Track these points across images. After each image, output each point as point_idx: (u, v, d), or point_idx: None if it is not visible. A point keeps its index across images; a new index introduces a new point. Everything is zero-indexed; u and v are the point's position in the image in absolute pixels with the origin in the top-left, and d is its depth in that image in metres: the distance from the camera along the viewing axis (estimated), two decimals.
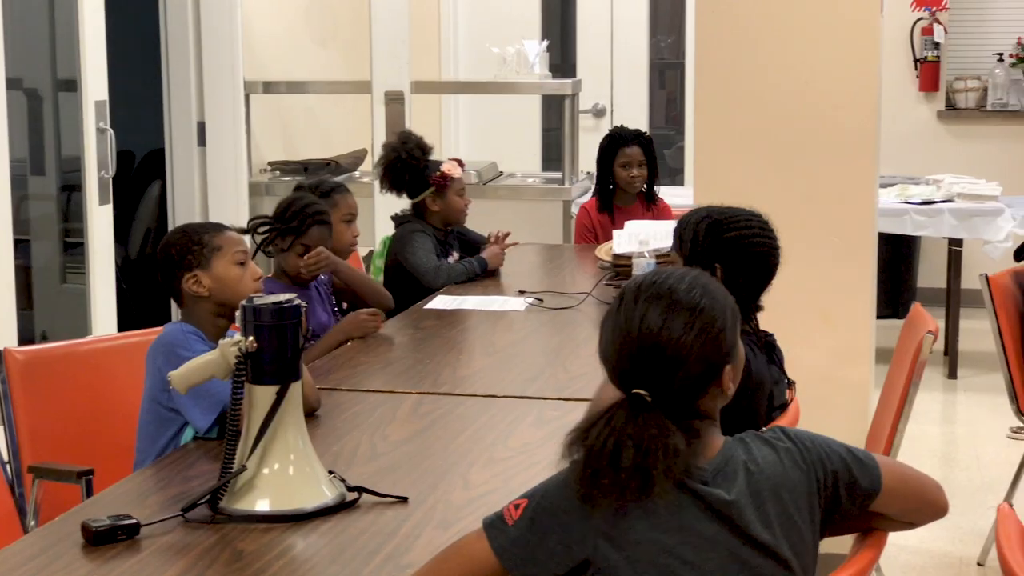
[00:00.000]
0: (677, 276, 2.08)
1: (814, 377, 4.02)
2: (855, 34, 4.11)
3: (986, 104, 7.90)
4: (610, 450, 1.95)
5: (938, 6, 7.82)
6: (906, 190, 6.59)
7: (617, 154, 5.47)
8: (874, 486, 2.11)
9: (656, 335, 2.00)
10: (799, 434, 2.11)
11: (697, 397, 2.03)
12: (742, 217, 2.87)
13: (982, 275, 4.40)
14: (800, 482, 2.05)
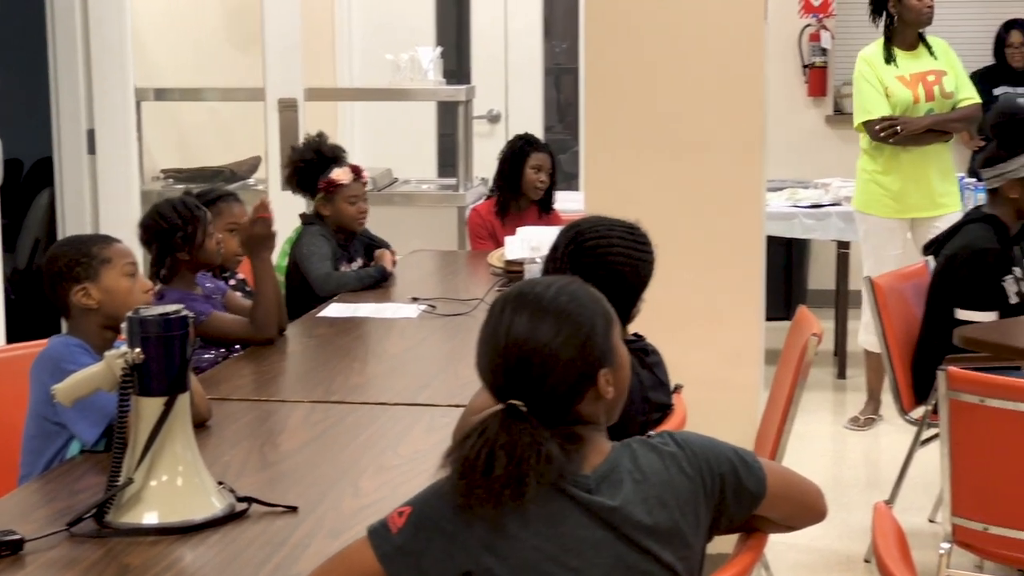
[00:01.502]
0: (545, 284, 2.10)
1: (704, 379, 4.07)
2: (740, 41, 4.18)
3: None
4: (483, 460, 1.97)
5: (825, 13, 7.96)
6: (795, 194, 6.70)
7: (530, 156, 5.55)
8: (760, 490, 2.15)
9: (523, 343, 2.02)
10: (687, 438, 2.14)
11: (573, 403, 2.05)
12: (605, 230, 2.81)
13: (865, 277, 4.50)
14: (686, 487, 2.08)
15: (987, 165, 4.49)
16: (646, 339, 2.97)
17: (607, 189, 4.18)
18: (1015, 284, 4.40)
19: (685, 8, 4.17)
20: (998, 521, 3.28)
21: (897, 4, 5.70)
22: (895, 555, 2.10)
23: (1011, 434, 3.24)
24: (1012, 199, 4.43)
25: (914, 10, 5.68)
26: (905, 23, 5.72)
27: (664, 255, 3.74)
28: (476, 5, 8.42)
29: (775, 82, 7.75)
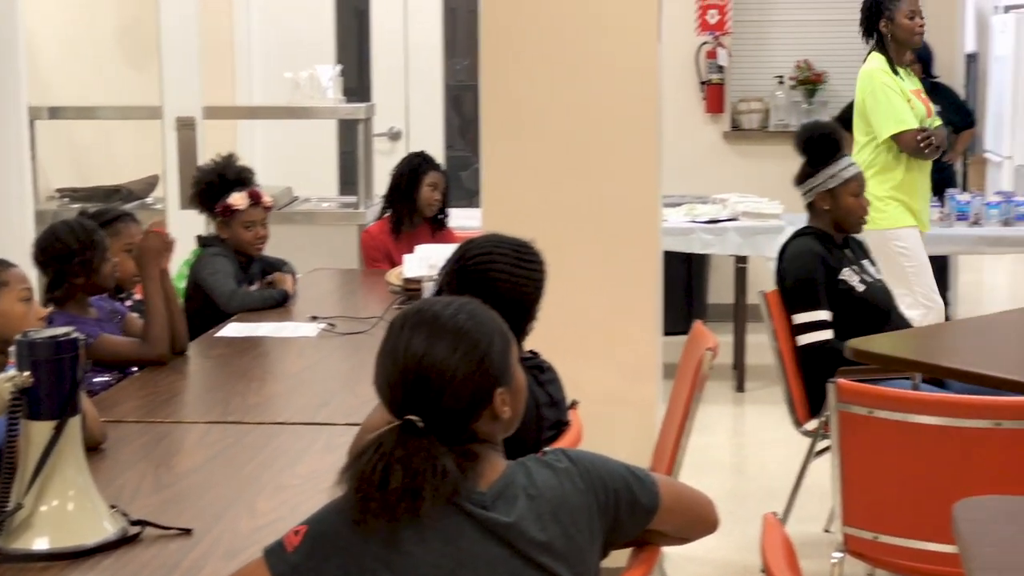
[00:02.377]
0: (444, 303, 2.13)
1: (602, 395, 4.11)
2: (635, 59, 4.23)
3: (768, 125, 8.19)
4: (379, 474, 1.98)
5: (721, 30, 8.07)
6: (693, 209, 6.78)
7: (427, 174, 5.57)
8: (653, 504, 2.18)
9: (420, 360, 2.04)
10: (580, 455, 2.17)
11: (470, 420, 2.08)
12: (490, 247, 2.84)
13: (760, 292, 4.57)
14: (580, 503, 2.10)
15: (800, 182, 4.67)
16: (541, 356, 3.00)
17: (504, 206, 4.21)
18: (856, 275, 4.55)
19: (580, 27, 4.21)
20: (888, 530, 3.35)
21: (889, 24, 5.71)
22: (783, 565, 2.14)
23: (899, 444, 3.30)
24: (826, 210, 4.60)
25: (906, 30, 5.70)
26: (898, 42, 5.73)
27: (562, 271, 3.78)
28: (376, 23, 8.42)
29: (673, 99, 7.85)
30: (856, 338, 4.12)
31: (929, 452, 3.28)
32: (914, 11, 5.71)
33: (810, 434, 4.45)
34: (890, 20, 5.70)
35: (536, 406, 2.84)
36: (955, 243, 6.69)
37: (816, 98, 8.17)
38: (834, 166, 4.64)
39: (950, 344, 4.37)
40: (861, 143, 5.80)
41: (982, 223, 6.60)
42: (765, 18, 8.25)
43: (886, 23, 5.72)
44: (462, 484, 2.01)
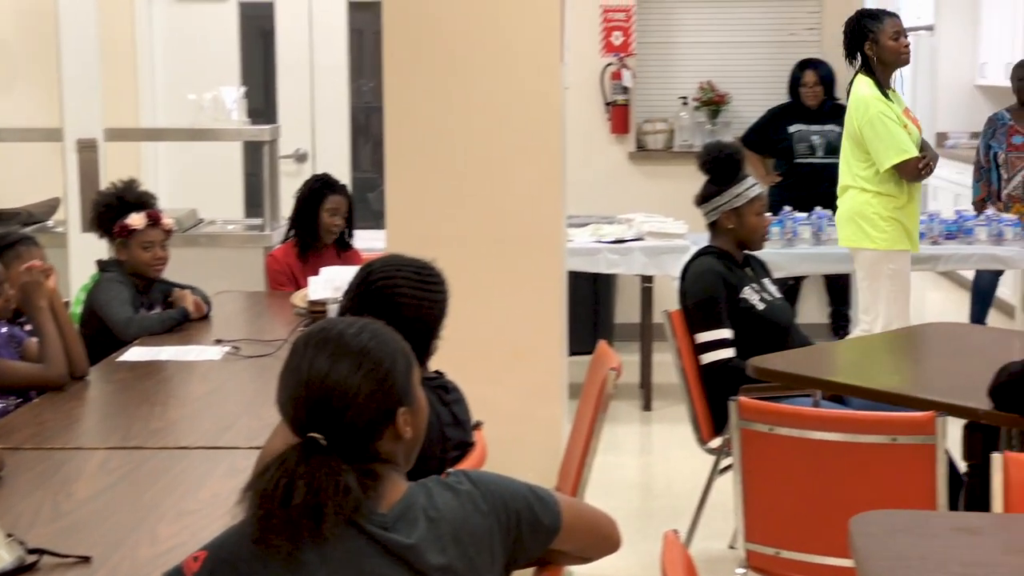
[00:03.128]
0: (347, 322, 2.14)
1: (508, 415, 4.12)
2: (537, 81, 4.25)
3: (673, 145, 8.27)
4: (282, 491, 1.98)
5: (626, 52, 8.14)
6: (599, 229, 6.82)
7: (326, 199, 5.55)
8: (555, 525, 2.20)
9: (324, 378, 2.05)
10: (481, 477, 2.18)
11: (372, 440, 2.08)
12: (392, 270, 2.86)
13: (664, 311, 4.62)
14: (481, 525, 2.11)
15: (704, 201, 4.73)
16: (446, 376, 3.01)
17: (409, 228, 4.21)
18: (756, 293, 4.62)
19: (483, 49, 4.23)
20: (789, 545, 3.40)
21: (874, 46, 5.68)
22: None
23: (799, 461, 3.36)
24: (730, 229, 4.66)
25: (892, 51, 5.68)
26: (884, 64, 5.71)
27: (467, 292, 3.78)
28: (281, 44, 8.40)
29: (578, 120, 7.91)
30: (757, 356, 4.18)
31: (828, 468, 3.34)
32: (898, 31, 5.71)
33: (714, 452, 4.50)
34: (875, 42, 5.68)
35: (440, 426, 2.85)
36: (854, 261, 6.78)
37: (720, 119, 8.27)
38: (739, 186, 4.71)
39: (849, 361, 4.44)
40: (855, 166, 5.80)
41: None
42: (669, 40, 8.34)
43: (871, 45, 5.70)
44: (364, 503, 2.02)
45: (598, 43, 8.15)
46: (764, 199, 4.80)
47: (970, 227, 6.72)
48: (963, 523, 2.73)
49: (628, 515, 5.21)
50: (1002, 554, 2.51)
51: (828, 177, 7.69)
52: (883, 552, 2.41)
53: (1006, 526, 2.68)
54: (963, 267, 6.95)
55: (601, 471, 5.65)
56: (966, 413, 3.65)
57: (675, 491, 5.52)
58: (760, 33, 8.33)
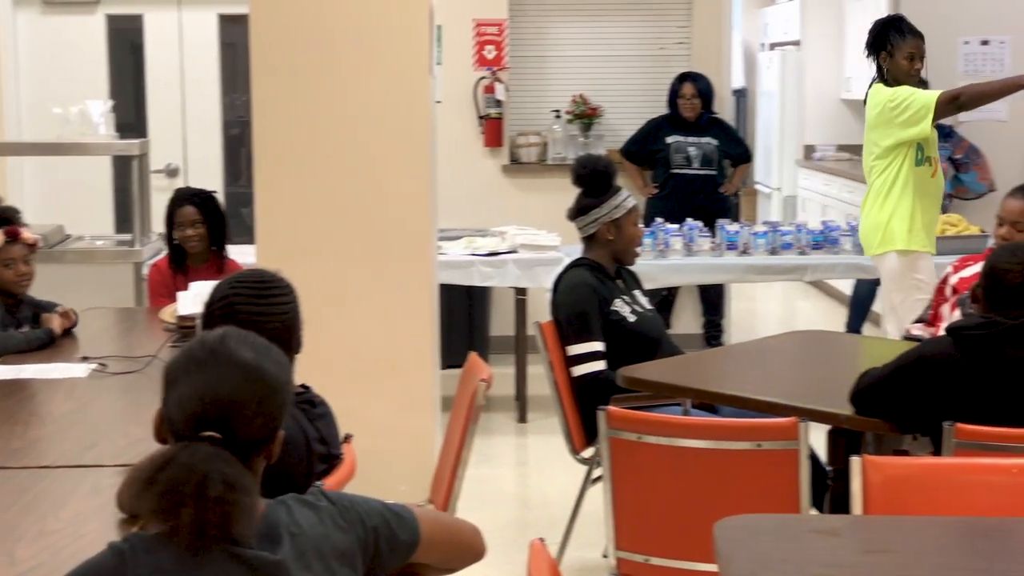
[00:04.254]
0: (241, 337, 2.12)
1: (380, 428, 4.13)
2: (406, 95, 4.27)
3: (546, 158, 8.32)
4: (193, 485, 1.95)
5: (498, 66, 8.18)
6: (473, 242, 6.84)
7: (175, 214, 5.47)
8: (413, 539, 2.21)
9: (216, 393, 2.03)
10: (338, 495, 2.19)
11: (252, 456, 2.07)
12: (233, 282, 2.85)
13: (536, 323, 4.64)
14: (342, 540, 2.11)
15: (580, 214, 4.76)
16: (313, 390, 3.00)
17: (278, 242, 4.20)
18: (627, 305, 4.67)
19: (351, 63, 4.23)
20: (658, 552, 3.44)
21: (888, 59, 5.73)
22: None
23: (667, 468, 3.40)
24: (608, 241, 4.71)
25: (903, 71, 5.72)
26: (893, 79, 5.73)
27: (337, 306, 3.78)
28: (151, 57, 8.30)
29: (451, 133, 7.93)
30: (627, 366, 4.23)
31: (696, 474, 3.38)
32: (914, 54, 5.72)
33: (587, 462, 4.53)
34: (890, 56, 5.73)
35: (306, 441, 2.83)
36: (726, 272, 6.90)
37: (592, 131, 8.34)
38: (616, 197, 4.74)
39: (718, 370, 4.50)
40: (883, 160, 5.74)
41: (751, 252, 6.82)
42: (542, 53, 8.40)
43: (886, 57, 5.75)
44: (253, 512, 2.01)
45: (471, 57, 8.17)
46: (639, 211, 4.86)
47: (836, 237, 6.86)
48: (823, 525, 2.79)
49: (504, 526, 5.23)
50: (860, 554, 2.57)
51: (703, 188, 7.85)
52: (745, 555, 2.45)
53: (864, 527, 2.74)
54: (829, 277, 7.09)
55: (477, 483, 5.68)
56: (829, 419, 3.73)
57: (550, 502, 5.55)
58: (631, 47, 8.43)
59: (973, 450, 3.20)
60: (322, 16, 4.19)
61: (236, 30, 8.30)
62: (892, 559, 2.53)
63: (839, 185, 9.99)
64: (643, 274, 5.57)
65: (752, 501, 3.27)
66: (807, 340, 5.09)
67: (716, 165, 7.89)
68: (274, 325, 2.77)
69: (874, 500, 2.87)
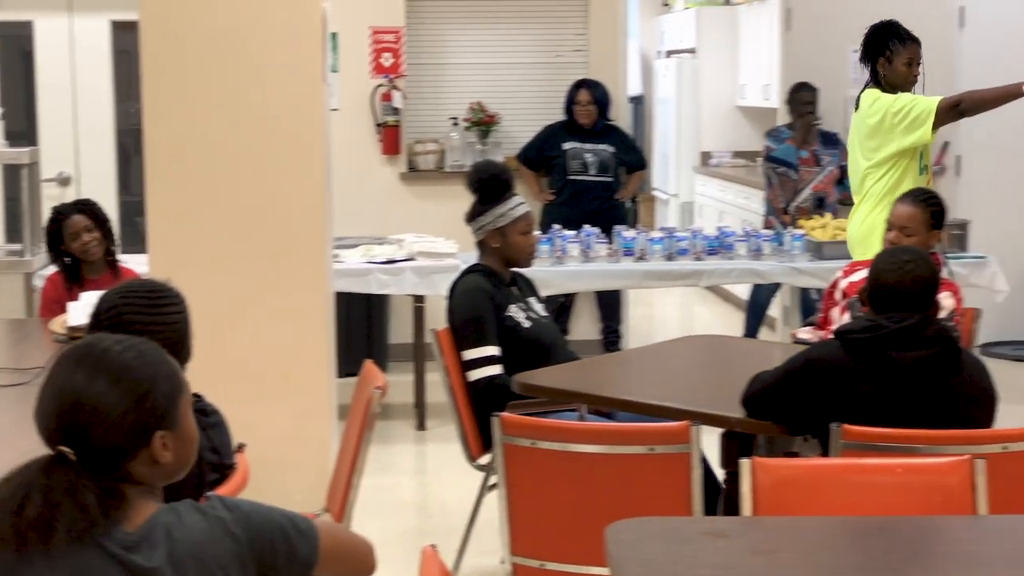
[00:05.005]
0: (115, 339, 2.11)
1: (276, 437, 4.10)
2: (300, 102, 4.25)
3: (444, 166, 8.33)
4: (17, 500, 1.95)
5: (396, 73, 8.17)
6: (370, 250, 6.83)
7: (62, 226, 5.39)
8: (312, 555, 2.19)
9: (79, 392, 2.03)
10: (237, 503, 2.16)
11: (123, 459, 2.05)
12: (122, 291, 2.85)
13: (432, 330, 4.64)
14: (231, 550, 2.09)
15: (470, 220, 4.80)
16: (205, 399, 2.98)
17: (171, 252, 4.16)
18: (522, 312, 4.70)
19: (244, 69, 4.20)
20: (553, 557, 3.46)
21: (886, 65, 5.71)
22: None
23: (562, 473, 3.42)
24: (496, 248, 4.74)
25: (901, 76, 5.71)
26: (891, 84, 5.72)
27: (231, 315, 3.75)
28: (42, 64, 8.18)
29: (348, 141, 7.91)
30: (523, 372, 4.25)
31: (590, 479, 3.41)
32: (912, 59, 5.73)
33: (484, 468, 4.54)
34: (888, 61, 5.72)
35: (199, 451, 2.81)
36: (623, 278, 6.95)
37: (490, 139, 8.37)
38: (503, 205, 4.77)
39: (613, 375, 4.54)
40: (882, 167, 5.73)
41: (647, 258, 6.87)
42: (438, 61, 8.40)
43: (884, 63, 5.74)
44: (101, 522, 1.99)
45: (368, 64, 8.16)
46: (530, 218, 4.87)
47: (731, 243, 6.94)
48: (712, 527, 2.83)
49: (403, 534, 5.22)
50: (748, 555, 2.60)
51: (599, 195, 7.91)
52: (635, 558, 2.48)
53: (753, 528, 2.78)
54: (725, 282, 7.18)
55: (376, 492, 5.67)
56: (721, 422, 3.78)
57: (449, 509, 5.55)
58: (528, 54, 8.47)
59: (860, 451, 3.26)
60: (213, 23, 4.16)
61: (130, 37, 8.18)
62: (780, 559, 2.58)
63: (735, 191, 10.13)
64: (540, 281, 5.61)
65: (645, 505, 3.30)
66: (702, 345, 5.15)
67: (612, 172, 7.96)
68: (164, 335, 2.75)
69: (763, 501, 2.91)
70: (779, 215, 7.85)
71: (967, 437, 3.25)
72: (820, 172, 7.84)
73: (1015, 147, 8.44)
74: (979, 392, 3.51)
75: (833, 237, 6.93)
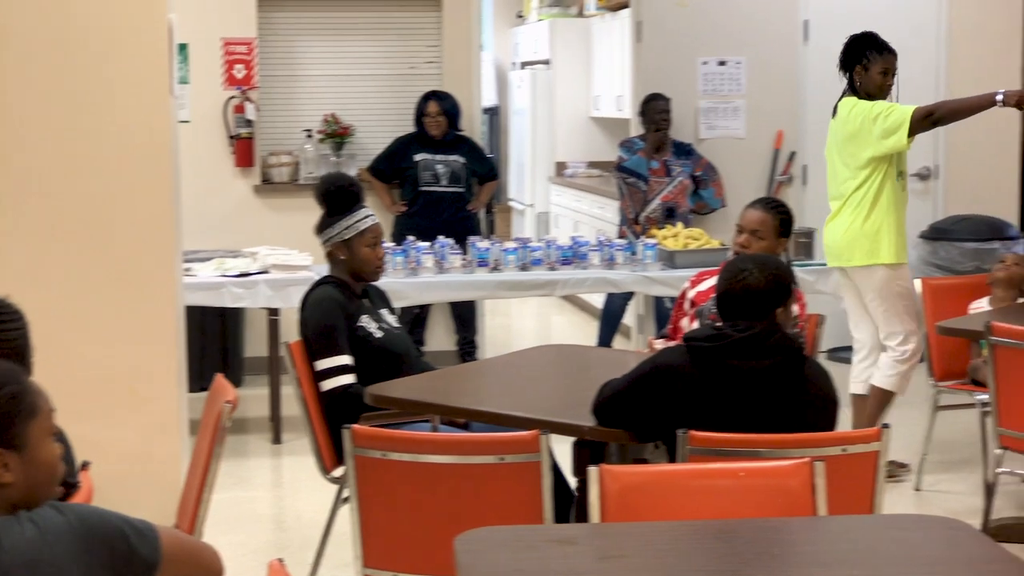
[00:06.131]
0: None
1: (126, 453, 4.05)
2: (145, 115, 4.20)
3: (298, 178, 8.28)
4: None
5: (248, 85, 8.11)
6: (223, 264, 6.76)
7: None
8: (155, 558, 2.19)
9: None
10: (74, 509, 2.15)
11: None
12: None
13: (284, 342, 4.62)
14: (66, 553, 2.08)
15: (318, 232, 4.80)
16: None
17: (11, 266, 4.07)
18: (374, 322, 4.71)
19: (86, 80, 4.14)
20: (406, 568, 3.46)
21: (863, 73, 5.88)
22: None
23: (413, 484, 3.43)
24: (342, 260, 4.75)
25: (876, 85, 5.88)
26: (867, 93, 5.88)
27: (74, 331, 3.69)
28: None
29: (201, 154, 7.83)
30: (376, 384, 4.25)
31: (441, 490, 3.42)
32: (888, 69, 5.90)
33: (337, 480, 4.52)
34: (865, 70, 5.88)
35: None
36: (477, 288, 6.97)
37: (344, 151, 8.34)
38: (350, 217, 4.76)
39: (465, 385, 4.56)
40: (848, 185, 5.92)
41: (501, 269, 6.91)
42: (292, 72, 8.36)
43: (860, 71, 5.90)
44: None
45: (220, 76, 8.08)
46: (377, 231, 4.85)
47: (584, 252, 7.01)
48: (560, 534, 2.86)
49: (259, 548, 5.18)
50: (595, 561, 2.65)
51: (452, 206, 7.93)
52: (483, 567, 2.50)
53: (600, 534, 2.82)
54: (579, 291, 7.24)
55: (231, 506, 5.63)
56: (572, 431, 3.83)
57: (305, 522, 5.52)
58: (382, 66, 8.47)
59: (707, 456, 3.32)
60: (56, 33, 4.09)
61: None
62: (626, 564, 2.62)
63: (590, 201, 10.24)
64: (394, 292, 5.61)
65: (497, 514, 3.32)
66: (555, 354, 5.20)
67: (464, 182, 7.99)
68: (2, 351, 2.71)
69: (612, 508, 2.95)
70: (630, 225, 7.97)
71: (808, 440, 3.34)
72: (671, 182, 7.97)
73: None
74: (821, 398, 3.60)
75: (684, 246, 7.05)
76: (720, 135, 8.51)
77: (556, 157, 11.47)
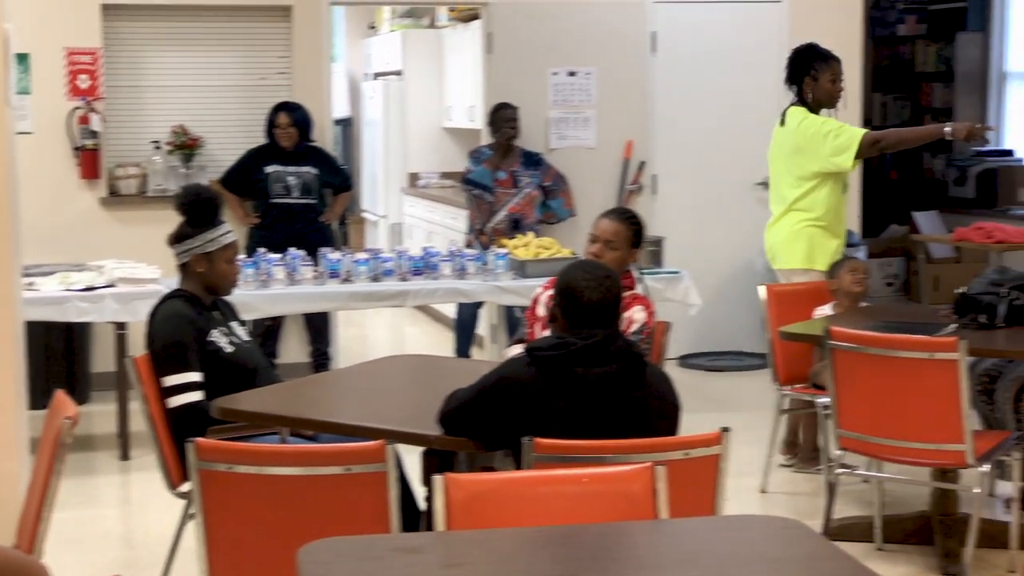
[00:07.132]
0: None
1: None
2: None
3: (147, 190, 8.16)
4: None
5: (93, 95, 7.97)
6: (68, 277, 6.64)
7: None
8: None
9: None
10: None
11: None
12: None
13: (129, 357, 4.55)
14: None
15: (176, 242, 4.76)
16: None
17: None
18: (224, 336, 4.67)
19: None
20: None
21: (812, 84, 6.02)
22: None
23: (260, 497, 3.39)
24: (200, 272, 4.72)
25: (827, 93, 6.03)
26: (817, 102, 6.04)
27: None
28: None
29: (44, 166, 7.68)
30: (223, 397, 4.21)
31: (288, 502, 3.39)
32: (836, 76, 6.05)
33: (185, 496, 4.47)
34: (814, 80, 6.03)
35: None
36: (329, 300, 6.94)
37: (194, 162, 8.24)
38: (214, 231, 4.72)
39: (314, 397, 4.54)
40: (791, 192, 6.10)
41: (353, 280, 6.89)
42: (139, 83, 8.23)
43: (810, 82, 6.05)
44: None
45: (63, 86, 7.93)
46: (237, 247, 4.85)
47: (436, 263, 7.03)
48: (404, 543, 2.86)
49: (108, 567, 5.09)
50: (440, 569, 2.65)
51: (303, 217, 7.89)
52: None
53: (444, 542, 2.83)
54: (430, 301, 7.25)
55: (78, 524, 5.52)
56: (420, 440, 3.84)
57: (154, 539, 5.44)
58: (232, 78, 8.39)
59: (552, 463, 3.35)
60: None
61: None
62: (470, 571, 2.63)
63: (442, 212, 10.26)
64: (245, 305, 5.56)
65: (344, 525, 3.31)
66: (406, 364, 5.20)
67: (316, 194, 7.96)
68: None
69: (457, 516, 2.96)
70: (476, 235, 8.01)
71: (651, 445, 3.38)
72: (517, 194, 8.03)
73: (708, 166, 8.83)
74: (663, 403, 3.66)
75: (536, 256, 7.10)
76: (570, 145, 8.60)
77: (409, 168, 11.48)
